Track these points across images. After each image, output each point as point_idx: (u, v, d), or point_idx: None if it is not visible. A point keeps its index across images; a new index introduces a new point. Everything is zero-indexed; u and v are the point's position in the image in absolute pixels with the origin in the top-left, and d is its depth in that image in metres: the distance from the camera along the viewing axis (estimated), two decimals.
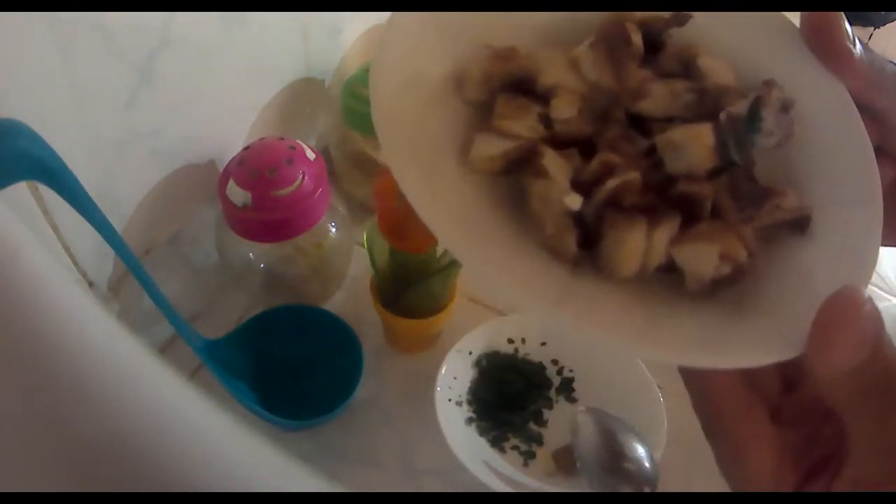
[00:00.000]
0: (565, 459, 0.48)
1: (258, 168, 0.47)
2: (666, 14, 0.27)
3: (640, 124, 0.26)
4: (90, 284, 0.46)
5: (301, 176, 0.48)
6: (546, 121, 0.25)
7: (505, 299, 0.22)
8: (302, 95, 0.62)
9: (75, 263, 0.44)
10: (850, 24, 0.27)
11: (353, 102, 0.59)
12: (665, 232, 0.23)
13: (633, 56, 0.26)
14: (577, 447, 0.44)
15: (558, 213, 0.23)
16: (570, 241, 0.23)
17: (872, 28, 2.07)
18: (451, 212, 0.23)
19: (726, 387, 0.24)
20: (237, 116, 0.56)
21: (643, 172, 0.24)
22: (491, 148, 0.24)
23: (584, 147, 0.25)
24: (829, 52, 0.26)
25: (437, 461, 0.49)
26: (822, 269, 0.23)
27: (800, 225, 0.25)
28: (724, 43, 0.28)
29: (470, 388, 0.52)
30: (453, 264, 0.50)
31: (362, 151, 0.62)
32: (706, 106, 0.26)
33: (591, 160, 0.24)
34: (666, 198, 0.24)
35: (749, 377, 0.24)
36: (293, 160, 0.48)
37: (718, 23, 0.28)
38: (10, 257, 0.17)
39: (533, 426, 0.51)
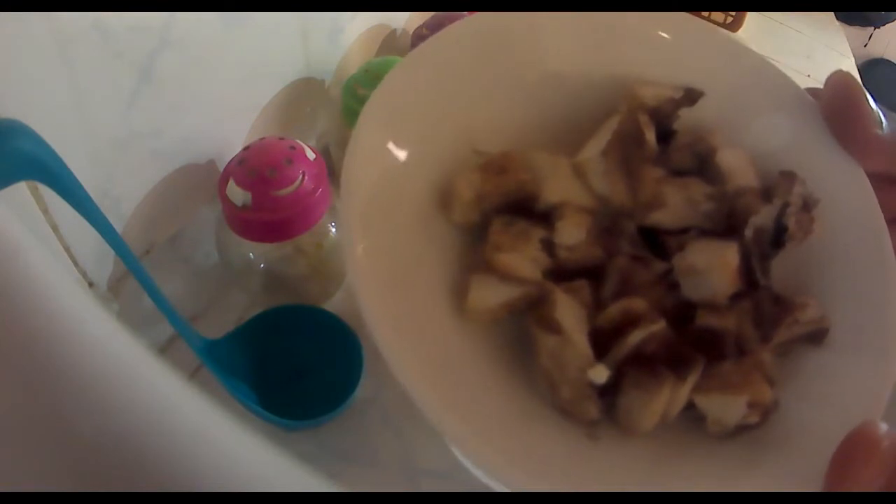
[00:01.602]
0: None
1: (258, 168, 0.47)
2: (676, 93, 0.24)
3: (652, 235, 0.23)
4: (90, 284, 0.46)
5: (301, 176, 0.48)
6: (549, 247, 0.22)
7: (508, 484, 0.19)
8: (302, 95, 0.62)
9: (75, 263, 0.44)
10: (850, 24, 0.26)
11: (353, 102, 0.59)
12: (688, 384, 0.21)
13: (647, 157, 0.23)
14: None
15: (577, 379, 0.21)
16: (593, 410, 0.21)
17: (872, 28, 2.08)
18: (441, 377, 0.20)
19: None
20: (237, 116, 0.56)
21: (659, 297, 0.22)
22: (491, 296, 0.21)
23: (592, 272, 0.22)
24: (851, 141, 0.25)
25: (437, 461, 0.49)
26: (838, 389, 0.21)
27: (817, 337, 0.23)
28: (733, 122, 0.25)
29: None
30: None
31: None
32: (724, 212, 0.23)
33: (601, 285, 0.22)
34: (685, 332, 0.22)
35: None
36: (293, 160, 0.48)
37: (729, 102, 0.25)
38: (10, 257, 0.17)
39: None
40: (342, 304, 0.58)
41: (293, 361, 0.52)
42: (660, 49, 0.24)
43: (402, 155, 0.22)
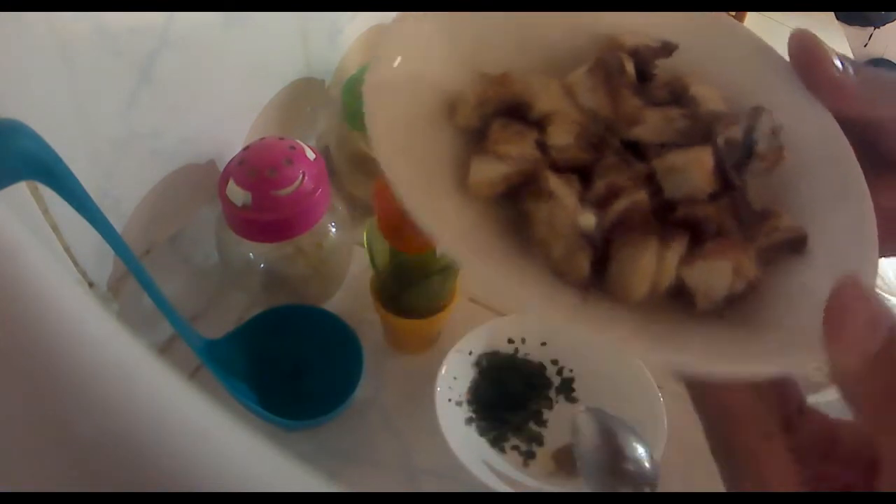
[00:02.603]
0: (565, 459, 0.48)
1: (258, 168, 0.47)
2: (654, 43, 0.27)
3: (635, 151, 0.25)
4: (90, 284, 0.46)
5: (301, 176, 0.48)
6: (542, 147, 0.25)
7: (528, 307, 0.22)
8: (302, 95, 0.62)
9: (75, 263, 0.44)
10: (850, 24, 0.27)
11: (353, 102, 0.59)
12: (676, 250, 0.23)
13: (627, 84, 0.26)
14: (577, 447, 0.44)
15: (569, 234, 0.22)
16: (584, 262, 0.22)
17: (872, 28, 2.07)
18: (460, 233, 0.22)
19: (747, 412, 0.23)
20: (237, 116, 0.56)
21: (650, 209, 0.24)
22: (490, 171, 0.24)
23: (581, 175, 0.24)
24: (819, 87, 0.27)
25: (437, 461, 0.49)
26: (823, 285, 0.23)
27: (797, 245, 0.25)
28: (710, 74, 0.27)
29: (470, 388, 0.52)
30: (453, 264, 0.50)
31: (362, 151, 0.62)
32: (699, 131, 0.25)
33: (590, 187, 0.24)
34: (670, 220, 0.24)
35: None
36: (293, 160, 0.48)
37: (704, 55, 0.28)
38: (10, 257, 0.17)
39: (533, 426, 0.51)
40: (342, 304, 0.58)
41: (293, 361, 0.52)
42: (647, 16, 0.28)
43: (416, 72, 0.25)
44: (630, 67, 0.26)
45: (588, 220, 0.22)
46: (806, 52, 0.27)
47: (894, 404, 0.20)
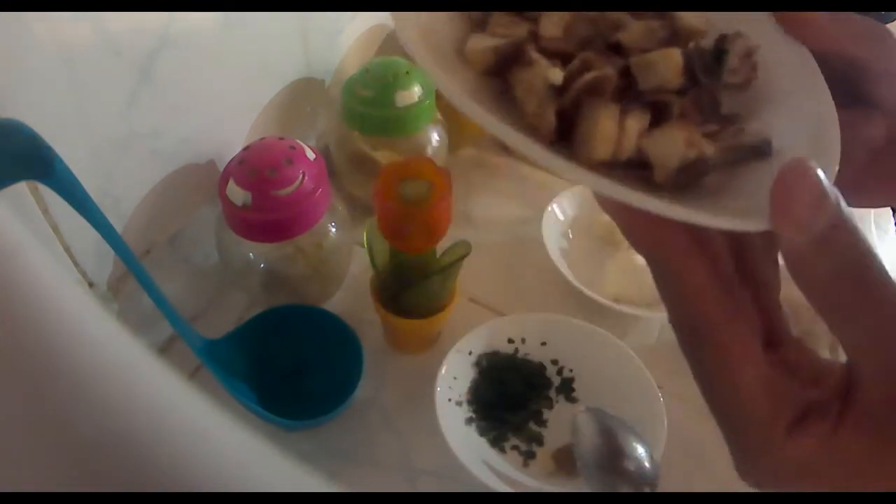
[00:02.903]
0: (565, 459, 0.48)
1: (258, 168, 0.47)
2: None
3: (617, 53, 0.28)
4: (90, 284, 0.46)
5: (301, 176, 0.48)
6: (533, 36, 0.28)
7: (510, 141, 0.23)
8: (302, 95, 0.62)
9: (75, 263, 0.44)
10: None
11: (353, 102, 0.59)
12: (636, 120, 0.25)
13: None
14: (577, 447, 0.44)
15: (540, 90, 0.25)
16: (550, 113, 0.25)
17: None
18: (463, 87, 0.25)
19: (708, 290, 0.23)
20: (237, 116, 0.56)
21: (618, 89, 0.26)
22: (483, 42, 0.27)
23: (565, 63, 0.27)
24: (792, 21, 0.28)
25: (437, 461, 0.49)
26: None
27: (762, 149, 0.26)
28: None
29: (470, 388, 0.52)
30: (453, 264, 0.50)
31: (362, 151, 0.62)
32: (678, 43, 0.28)
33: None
34: (637, 100, 0.26)
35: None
36: (293, 160, 0.48)
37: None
38: (10, 257, 0.17)
39: (533, 426, 0.51)
40: (342, 304, 0.58)
41: (293, 361, 0.52)
42: None
43: None
44: None
45: (556, 74, 0.25)
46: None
47: (842, 289, 0.21)
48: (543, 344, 0.55)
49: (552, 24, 0.28)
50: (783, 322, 0.25)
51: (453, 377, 0.51)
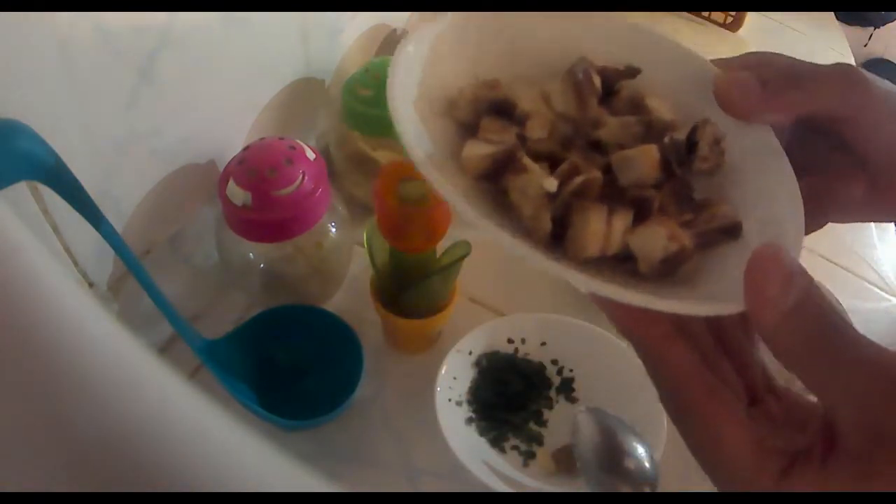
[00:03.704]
0: (565, 459, 0.48)
1: (258, 168, 0.47)
2: (620, 66, 0.33)
3: (598, 149, 0.31)
4: (90, 284, 0.46)
5: (301, 176, 0.48)
6: (522, 139, 0.30)
7: (505, 244, 0.25)
8: (302, 95, 0.62)
9: (75, 263, 0.44)
10: (850, 24, 0.29)
11: (353, 102, 0.59)
12: (621, 219, 0.27)
13: (594, 94, 0.31)
14: (577, 447, 0.44)
15: (536, 197, 0.27)
16: (546, 218, 0.27)
17: (872, 28, 2.07)
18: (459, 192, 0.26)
19: (690, 369, 0.25)
20: (237, 116, 0.56)
21: (601, 183, 0.29)
22: (479, 149, 0.29)
23: (552, 162, 0.29)
24: (738, 113, 0.31)
25: (437, 461, 0.49)
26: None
27: (733, 231, 0.29)
28: (666, 91, 0.33)
29: (470, 388, 0.52)
30: (453, 264, 0.50)
31: (362, 151, 0.62)
32: (652, 137, 0.30)
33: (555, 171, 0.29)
34: (621, 200, 0.29)
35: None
36: (293, 160, 0.48)
37: (664, 77, 0.33)
38: (10, 257, 0.17)
39: (533, 426, 0.51)
40: (342, 304, 0.58)
41: (293, 361, 0.52)
42: (613, 39, 0.34)
43: (427, 74, 0.30)
44: (597, 81, 0.31)
45: (551, 183, 0.27)
46: (720, 93, 0.31)
47: (814, 355, 0.22)
48: (543, 344, 0.55)
49: (538, 126, 0.30)
50: (763, 377, 0.27)
51: (453, 377, 0.51)
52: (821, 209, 0.31)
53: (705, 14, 1.13)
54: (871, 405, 0.21)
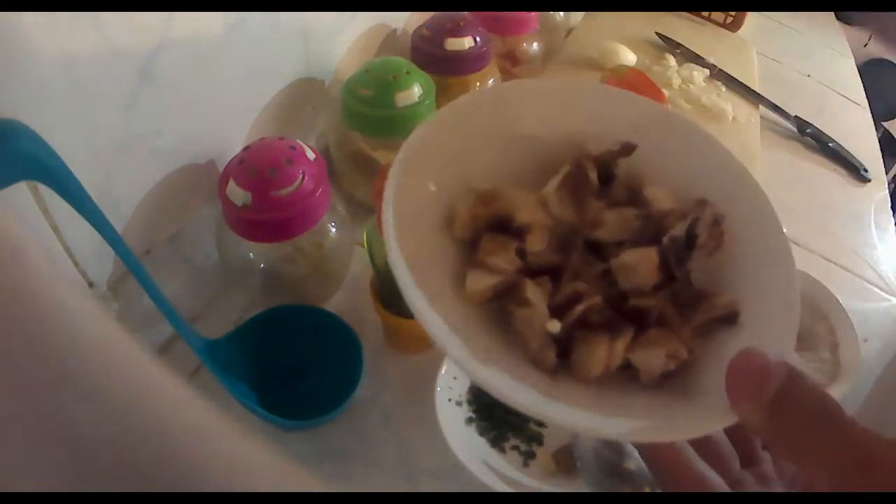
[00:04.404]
0: (565, 459, 0.48)
1: (258, 168, 0.47)
2: (615, 146, 0.33)
3: (597, 248, 0.31)
4: (90, 284, 0.46)
5: (301, 176, 0.48)
6: (521, 254, 0.30)
7: (498, 393, 0.26)
8: (302, 95, 0.62)
9: (75, 263, 0.44)
10: (850, 24, 0.29)
11: (353, 102, 0.59)
12: (623, 342, 0.29)
13: (591, 191, 0.32)
14: (577, 447, 0.44)
15: (540, 334, 0.28)
16: (551, 356, 0.28)
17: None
18: (454, 329, 0.27)
19: (685, 468, 0.29)
20: (237, 116, 0.56)
21: (601, 290, 0.30)
22: (482, 282, 0.30)
23: (553, 271, 0.31)
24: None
25: (437, 461, 0.49)
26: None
27: (730, 319, 0.30)
28: (662, 166, 0.33)
29: (470, 388, 0.52)
30: None
31: (362, 151, 0.62)
32: (650, 230, 0.31)
33: (559, 282, 0.30)
34: (621, 310, 0.30)
35: (711, 454, 0.31)
36: (293, 160, 0.48)
37: (659, 152, 0.33)
38: (10, 257, 0.17)
39: (533, 426, 0.51)
40: (342, 304, 0.58)
41: (293, 361, 0.52)
42: (604, 118, 0.34)
43: (421, 188, 0.30)
44: (593, 176, 0.32)
45: (554, 326, 0.28)
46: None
47: (800, 437, 0.24)
48: None
49: (537, 238, 0.31)
50: (758, 441, 0.33)
51: (453, 377, 0.51)
52: None
53: (705, 14, 1.13)
54: (841, 472, 0.23)
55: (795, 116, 0.96)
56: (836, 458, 0.23)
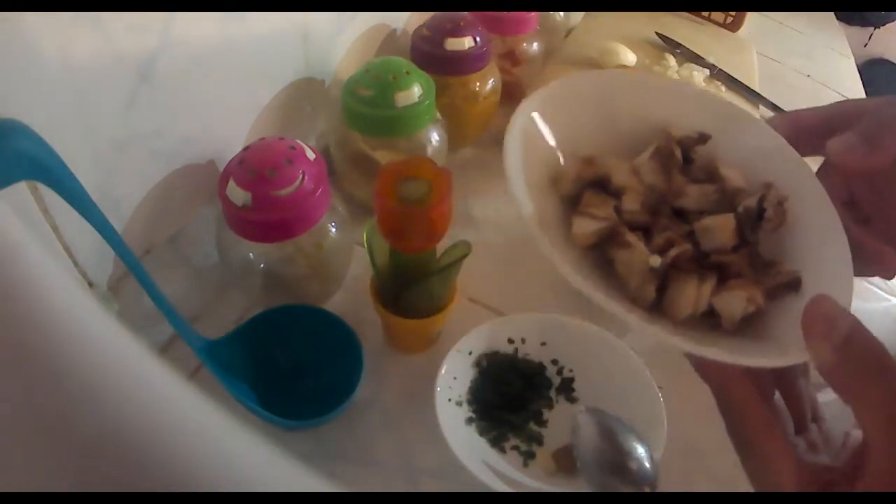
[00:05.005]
0: (565, 459, 0.48)
1: (258, 168, 0.47)
2: (694, 134, 0.38)
3: (681, 215, 0.36)
4: (90, 284, 0.46)
5: (301, 176, 0.48)
6: (618, 211, 0.35)
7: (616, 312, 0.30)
8: (302, 95, 0.62)
9: (75, 263, 0.44)
10: (850, 24, 0.32)
11: (353, 102, 0.59)
12: (709, 285, 0.33)
13: (677, 166, 0.37)
14: (577, 447, 0.44)
15: (641, 271, 0.33)
16: (651, 290, 0.33)
17: (872, 28, 2.07)
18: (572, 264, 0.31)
19: (753, 406, 0.31)
20: (237, 116, 0.56)
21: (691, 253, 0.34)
22: (587, 227, 0.34)
23: (644, 230, 0.35)
24: (851, 174, 0.36)
25: (437, 461, 0.49)
26: None
27: (794, 285, 0.34)
28: (732, 156, 0.38)
29: (470, 388, 0.52)
30: (453, 264, 0.50)
31: (362, 151, 0.62)
32: (726, 203, 0.36)
33: (650, 241, 0.34)
34: (705, 264, 0.34)
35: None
36: (293, 160, 0.48)
37: (731, 142, 0.38)
38: (10, 257, 0.17)
39: (533, 426, 0.51)
40: (342, 304, 0.58)
41: (293, 361, 0.52)
42: (687, 112, 0.39)
43: (537, 149, 0.36)
44: (678, 153, 0.37)
45: (656, 260, 0.33)
46: (834, 158, 0.35)
47: (862, 381, 0.27)
48: (543, 344, 0.55)
49: (631, 199, 0.36)
50: (810, 410, 0.35)
51: (453, 377, 0.51)
52: (866, 259, 0.36)
53: (705, 14, 1.13)
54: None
55: None
56: (894, 403, 0.26)
